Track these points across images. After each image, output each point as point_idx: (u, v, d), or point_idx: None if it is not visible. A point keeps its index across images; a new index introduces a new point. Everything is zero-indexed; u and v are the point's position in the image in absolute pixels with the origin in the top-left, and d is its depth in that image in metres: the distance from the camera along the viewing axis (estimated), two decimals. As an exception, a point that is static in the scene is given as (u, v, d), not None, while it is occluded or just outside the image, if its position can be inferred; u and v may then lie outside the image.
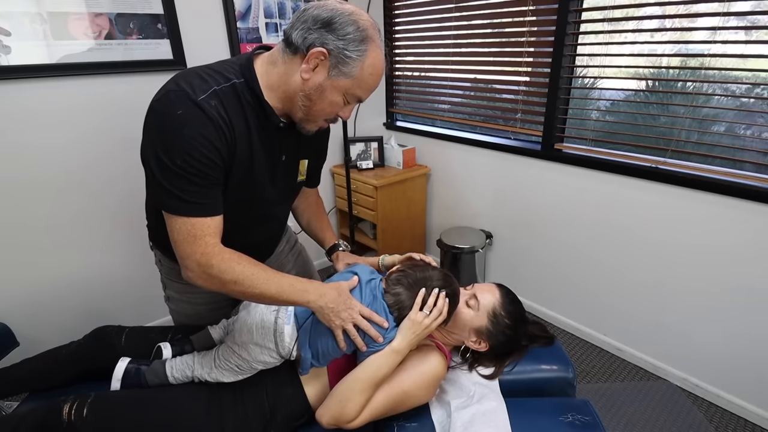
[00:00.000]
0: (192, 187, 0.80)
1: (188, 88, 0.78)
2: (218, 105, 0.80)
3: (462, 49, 2.27)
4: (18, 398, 1.21)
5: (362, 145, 2.62)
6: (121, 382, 0.99)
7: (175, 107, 0.77)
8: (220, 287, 0.85)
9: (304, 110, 0.86)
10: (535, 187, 2.10)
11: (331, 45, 0.78)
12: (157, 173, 0.79)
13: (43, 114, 1.61)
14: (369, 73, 0.83)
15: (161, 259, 1.13)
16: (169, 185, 0.79)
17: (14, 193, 1.62)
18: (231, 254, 0.85)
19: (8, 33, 1.47)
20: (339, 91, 0.84)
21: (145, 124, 0.81)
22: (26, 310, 1.74)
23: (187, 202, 0.80)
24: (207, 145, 0.78)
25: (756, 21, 1.45)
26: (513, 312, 1.04)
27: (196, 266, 0.83)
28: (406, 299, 0.96)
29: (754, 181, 1.49)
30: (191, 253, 0.82)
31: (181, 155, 0.77)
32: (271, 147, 0.92)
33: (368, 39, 0.80)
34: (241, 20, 2.02)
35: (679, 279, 1.72)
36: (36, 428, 0.89)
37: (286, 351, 0.95)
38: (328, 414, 0.88)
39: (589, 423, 0.95)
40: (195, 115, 0.77)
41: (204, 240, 0.82)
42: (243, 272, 0.85)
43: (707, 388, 1.74)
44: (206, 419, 0.92)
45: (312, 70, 0.81)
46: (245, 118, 0.85)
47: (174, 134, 0.77)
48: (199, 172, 0.79)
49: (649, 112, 1.76)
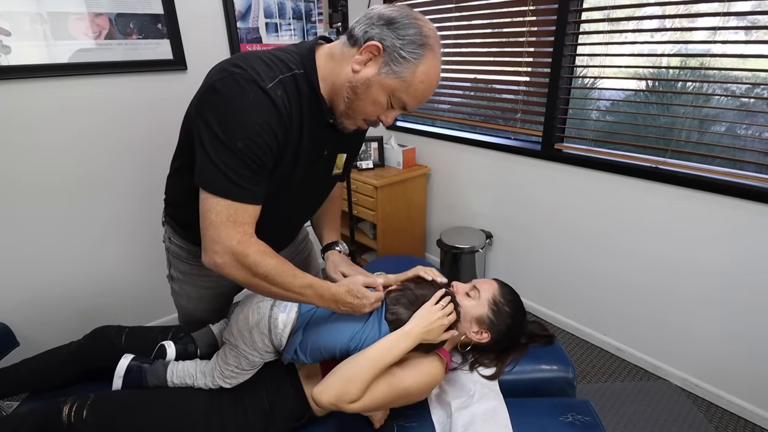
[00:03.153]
0: (246, 172, 0.79)
1: (254, 74, 0.77)
2: (283, 95, 0.80)
3: (462, 49, 2.27)
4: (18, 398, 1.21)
5: (362, 145, 2.61)
6: (122, 380, 0.99)
7: (246, 91, 0.76)
8: (247, 279, 0.83)
9: (346, 103, 0.85)
10: (535, 187, 2.10)
11: (388, 42, 0.78)
12: (211, 152, 0.78)
13: (43, 114, 1.61)
14: (420, 80, 0.81)
15: (172, 236, 1.10)
16: (223, 165, 0.78)
17: (14, 193, 1.62)
18: (265, 247, 0.84)
19: (8, 33, 1.47)
20: (385, 91, 0.82)
21: (204, 101, 0.80)
22: (26, 310, 1.74)
23: (238, 186, 0.79)
24: (271, 134, 0.79)
25: (756, 21, 1.45)
26: (513, 301, 1.06)
27: (229, 253, 0.80)
28: (405, 317, 0.95)
29: (754, 181, 1.49)
30: (227, 238, 0.80)
31: (244, 139, 0.77)
32: (319, 141, 0.92)
33: (427, 46, 0.79)
34: (241, 20, 2.02)
35: (680, 279, 1.72)
36: (36, 428, 0.89)
37: (277, 339, 0.95)
38: (330, 392, 0.84)
39: (589, 423, 0.95)
40: (264, 103, 0.77)
41: (243, 228, 0.81)
42: (275, 267, 0.83)
43: (707, 388, 1.74)
44: (206, 420, 0.92)
45: (364, 63, 0.80)
46: (301, 110, 0.85)
47: (242, 117, 0.76)
48: (258, 158, 0.79)
49: (649, 112, 1.76)
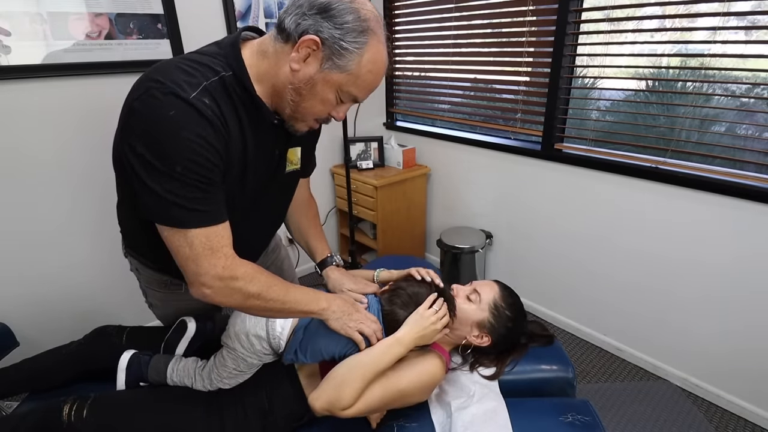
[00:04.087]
0: (197, 194, 0.71)
1: (174, 85, 0.68)
2: (212, 102, 0.72)
3: (462, 49, 2.26)
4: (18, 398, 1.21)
5: (362, 145, 2.62)
6: (125, 373, 0.99)
7: (166, 108, 0.67)
8: (241, 302, 0.79)
9: (292, 106, 0.78)
10: (535, 187, 2.10)
11: (326, 33, 0.70)
12: (151, 183, 0.69)
13: (42, 114, 1.61)
14: (368, 70, 0.74)
15: (138, 267, 1.04)
16: (170, 195, 0.70)
17: (14, 193, 1.62)
18: (251, 265, 0.79)
19: (8, 33, 1.47)
20: (332, 87, 0.75)
21: (126, 126, 0.71)
22: (26, 310, 1.74)
23: (196, 212, 0.72)
24: (207, 147, 0.71)
25: (756, 21, 1.45)
26: (513, 304, 1.06)
27: (218, 281, 0.75)
28: (400, 317, 0.96)
29: (754, 181, 1.49)
30: (210, 267, 0.74)
31: (182, 161, 0.68)
32: (265, 143, 0.84)
33: (369, 31, 0.72)
34: (241, 20, 2.02)
35: (680, 279, 1.72)
36: (36, 428, 0.89)
37: (276, 342, 0.95)
38: (323, 398, 0.84)
39: (589, 423, 0.94)
40: (190, 116, 0.69)
41: (222, 251, 0.75)
42: (265, 283, 0.79)
43: (707, 388, 1.74)
44: (206, 421, 0.92)
45: (303, 60, 0.72)
46: (237, 115, 0.77)
47: (169, 139, 0.68)
48: (203, 177, 0.71)
49: (649, 112, 1.76)
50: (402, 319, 0.95)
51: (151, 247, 0.82)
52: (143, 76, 0.73)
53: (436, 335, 0.94)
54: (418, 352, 0.98)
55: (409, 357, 0.95)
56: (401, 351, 0.91)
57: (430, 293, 0.98)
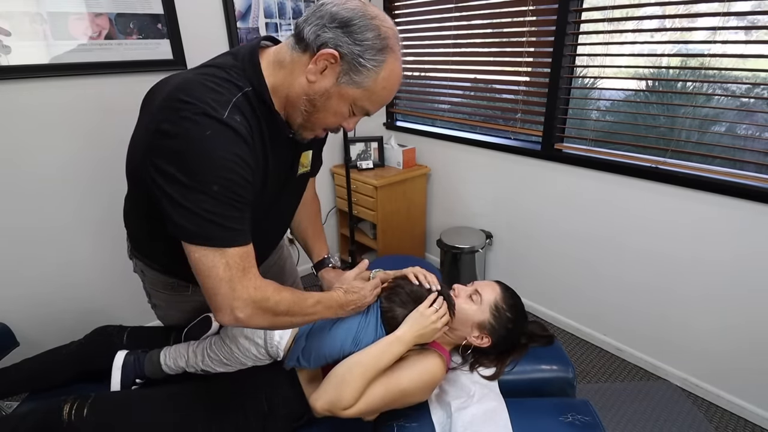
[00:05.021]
0: (234, 213, 0.71)
1: (204, 105, 0.68)
2: (242, 120, 0.72)
3: (462, 49, 2.26)
4: (18, 398, 1.21)
5: (362, 145, 2.62)
6: (121, 371, 0.99)
7: (201, 127, 0.67)
8: (271, 322, 0.78)
9: (304, 116, 0.78)
10: (535, 187, 2.10)
11: (345, 48, 0.70)
12: (187, 203, 0.68)
13: (42, 114, 1.61)
14: (382, 87, 0.75)
15: (143, 269, 1.04)
16: (207, 213, 0.69)
17: (14, 193, 1.62)
18: (273, 283, 0.79)
19: (8, 33, 1.47)
20: (346, 101, 0.76)
21: (154, 147, 0.70)
22: (26, 310, 1.74)
23: (233, 231, 0.72)
24: (243, 165, 0.71)
25: (756, 21, 1.45)
26: (514, 305, 1.06)
27: (251, 304, 0.73)
28: (399, 315, 0.95)
29: (754, 181, 1.49)
30: (243, 290, 0.72)
31: (219, 180, 0.68)
32: (282, 153, 0.86)
33: (388, 49, 0.72)
34: (241, 20, 2.02)
35: (679, 279, 1.72)
36: (36, 428, 0.89)
37: (273, 350, 0.95)
38: (324, 398, 0.84)
39: (589, 423, 0.94)
40: (226, 135, 0.69)
41: (252, 271, 0.74)
42: (290, 299, 0.79)
43: (707, 388, 1.74)
44: (206, 421, 0.92)
45: (320, 72, 0.73)
46: (261, 130, 0.78)
47: (206, 159, 0.68)
48: (239, 196, 0.71)
49: (649, 112, 1.76)
50: (401, 316, 0.94)
51: (164, 254, 0.82)
52: (167, 97, 0.71)
53: (435, 334, 0.94)
54: (418, 351, 0.98)
55: (409, 356, 0.95)
56: (401, 349, 0.91)
57: (430, 291, 0.98)
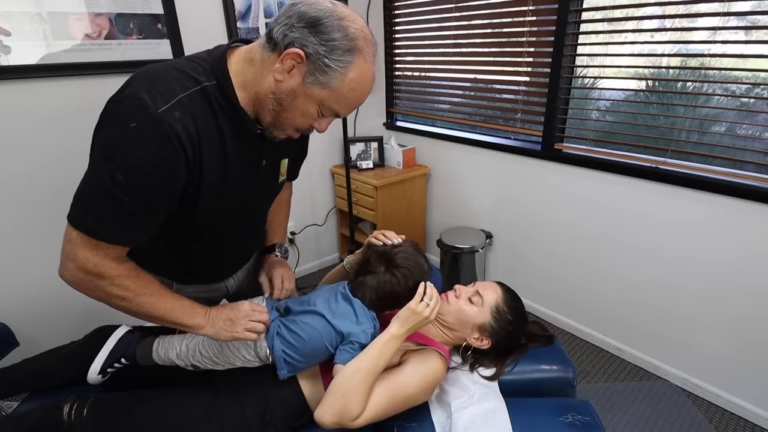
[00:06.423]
0: (119, 210, 0.71)
1: (147, 97, 0.68)
2: (182, 116, 0.70)
3: (462, 49, 2.26)
4: (18, 398, 1.21)
5: (362, 145, 2.62)
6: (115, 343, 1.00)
7: (129, 118, 0.68)
8: (105, 299, 0.81)
9: (273, 114, 0.78)
10: (535, 187, 2.10)
11: (310, 48, 0.69)
12: (89, 174, 0.72)
13: (42, 114, 1.61)
14: (350, 88, 0.74)
15: None
16: (94, 197, 0.72)
17: (14, 193, 1.62)
18: (127, 267, 0.80)
19: (8, 33, 1.47)
20: (313, 102, 0.75)
21: (99, 119, 0.75)
22: (26, 310, 1.74)
23: (107, 226, 0.73)
24: (161, 166, 0.70)
25: (756, 21, 1.45)
26: (515, 308, 1.06)
27: (81, 272, 0.77)
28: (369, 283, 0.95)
29: (754, 181, 1.49)
30: (84, 259, 0.75)
31: (125, 171, 0.68)
32: (249, 154, 0.84)
33: (355, 50, 0.71)
34: (241, 20, 2.02)
35: (679, 279, 1.72)
36: (36, 428, 0.89)
37: (262, 353, 0.95)
38: (331, 412, 0.83)
39: (589, 423, 0.95)
40: (151, 132, 0.68)
41: (104, 251, 0.75)
42: (134, 289, 0.80)
43: (707, 388, 1.74)
44: (206, 421, 0.92)
45: (287, 71, 0.72)
46: (217, 125, 0.76)
47: (123, 148, 0.69)
48: (141, 195, 0.71)
49: (649, 112, 1.76)
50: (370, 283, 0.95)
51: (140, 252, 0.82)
52: (130, 79, 0.74)
53: (426, 323, 0.93)
54: (418, 353, 0.98)
55: (410, 360, 0.96)
56: (397, 345, 0.90)
57: (394, 247, 0.98)
